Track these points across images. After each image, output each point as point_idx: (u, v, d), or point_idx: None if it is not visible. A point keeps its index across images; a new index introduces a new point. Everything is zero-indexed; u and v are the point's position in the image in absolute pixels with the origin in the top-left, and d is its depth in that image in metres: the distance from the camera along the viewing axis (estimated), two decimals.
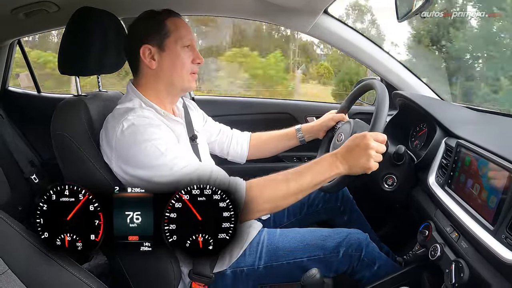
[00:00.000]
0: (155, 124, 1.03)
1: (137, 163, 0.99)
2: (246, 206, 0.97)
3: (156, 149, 0.99)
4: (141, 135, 0.99)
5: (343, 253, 1.18)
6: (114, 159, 1.03)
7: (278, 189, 1.00)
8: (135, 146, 0.99)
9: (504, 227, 0.81)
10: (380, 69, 1.76)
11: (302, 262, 1.16)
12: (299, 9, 1.57)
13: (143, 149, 0.98)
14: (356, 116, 1.77)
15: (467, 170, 1.01)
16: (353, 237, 1.20)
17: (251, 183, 0.99)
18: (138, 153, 0.99)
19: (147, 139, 0.99)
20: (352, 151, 1.04)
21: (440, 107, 1.33)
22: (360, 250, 1.19)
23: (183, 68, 1.13)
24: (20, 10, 1.45)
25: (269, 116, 1.99)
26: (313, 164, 1.05)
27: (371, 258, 1.20)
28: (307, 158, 1.92)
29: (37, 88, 2.17)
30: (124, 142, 1.00)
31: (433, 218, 1.11)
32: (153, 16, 1.13)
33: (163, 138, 1.01)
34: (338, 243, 1.18)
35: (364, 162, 1.03)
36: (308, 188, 1.02)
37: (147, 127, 1.01)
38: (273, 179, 1.01)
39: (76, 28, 1.17)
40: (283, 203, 1.02)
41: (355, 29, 1.72)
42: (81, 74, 1.23)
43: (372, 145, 1.03)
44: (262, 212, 1.02)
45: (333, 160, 1.05)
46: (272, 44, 8.43)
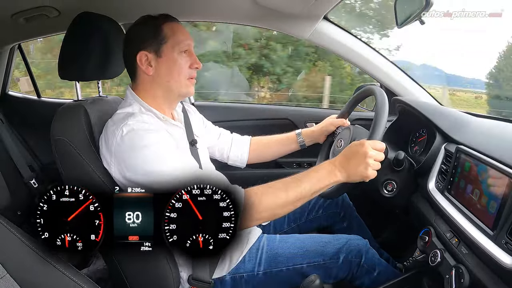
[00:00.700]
0: (155, 130, 1.03)
1: (136, 169, 0.99)
2: (244, 213, 0.96)
3: (155, 155, 0.98)
4: (140, 140, 0.99)
5: (343, 259, 1.17)
6: (113, 164, 1.02)
7: (277, 197, 0.99)
8: (135, 152, 0.99)
9: (504, 232, 0.81)
10: (379, 75, 1.76)
11: (301, 268, 1.16)
12: (298, 15, 1.58)
13: (142, 155, 0.98)
14: (356, 122, 1.77)
15: (467, 176, 1.01)
16: (353, 243, 1.20)
17: (250, 191, 0.99)
18: (137, 159, 0.99)
19: (146, 145, 0.99)
20: (350, 159, 1.04)
21: (440, 112, 1.34)
22: (360, 256, 1.19)
23: (180, 74, 1.13)
24: (20, 15, 1.46)
25: (269, 122, 1.99)
26: (312, 172, 1.05)
27: (371, 264, 1.19)
28: (306, 164, 1.92)
29: (37, 93, 2.17)
30: (124, 148, 1.00)
31: (433, 223, 1.11)
32: (150, 21, 1.12)
33: (163, 144, 1.01)
34: (338, 249, 1.18)
35: (362, 170, 1.03)
36: (306, 196, 1.02)
37: (147, 132, 1.01)
38: (271, 186, 1.01)
39: (77, 33, 1.18)
40: (281, 211, 1.02)
41: (355, 35, 1.73)
42: (81, 79, 1.23)
43: (370, 153, 1.03)
44: (260, 220, 1.01)
45: (332, 168, 1.05)
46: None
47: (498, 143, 1.05)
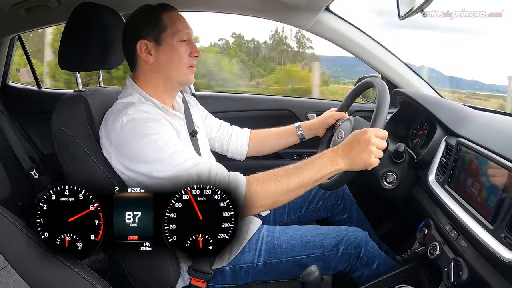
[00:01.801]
0: (155, 119, 1.03)
1: (137, 157, 1.00)
2: (246, 201, 0.97)
3: (155, 144, 0.99)
4: (140, 129, 0.99)
5: (342, 251, 1.18)
6: (113, 153, 1.03)
7: (279, 184, 0.99)
8: (135, 141, 0.99)
9: (503, 226, 0.81)
10: (381, 66, 1.75)
11: (301, 260, 1.17)
12: (300, 6, 1.56)
13: (143, 144, 0.99)
14: (356, 113, 1.77)
15: (467, 169, 1.01)
16: (352, 235, 1.20)
17: (252, 178, 0.99)
18: (137, 147, 0.99)
19: (146, 133, 0.99)
20: (353, 147, 1.04)
21: (441, 105, 1.33)
22: (360, 248, 1.19)
23: (181, 62, 1.13)
24: (20, 6, 1.45)
25: (269, 113, 1.99)
26: (315, 159, 1.04)
27: (370, 256, 1.20)
28: (307, 155, 1.91)
29: (38, 84, 2.16)
30: (124, 137, 1.00)
31: (433, 216, 1.11)
32: (149, 10, 1.13)
33: (163, 133, 1.02)
34: (338, 241, 1.19)
35: (365, 157, 1.03)
36: (309, 183, 1.02)
37: (147, 121, 1.01)
38: (274, 173, 1.01)
39: (77, 24, 1.17)
40: (283, 198, 1.02)
41: (356, 27, 1.71)
42: (81, 69, 1.23)
43: (373, 140, 1.03)
44: (262, 208, 1.02)
45: (334, 155, 1.05)
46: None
47: (498, 137, 1.05)
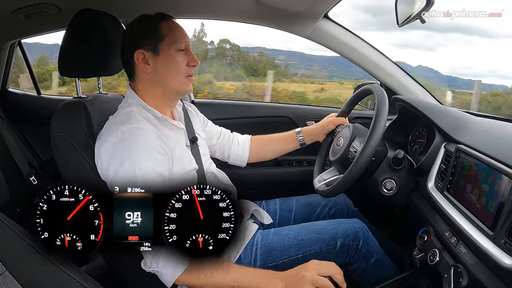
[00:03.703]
0: (145, 141, 1.03)
1: (105, 176, 1.02)
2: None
3: (126, 174, 0.99)
4: (122, 154, 1.00)
5: (340, 244, 1.17)
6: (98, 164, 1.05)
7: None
8: (112, 163, 1.01)
9: (503, 232, 0.81)
10: (380, 73, 1.76)
11: (297, 259, 1.16)
12: (299, 13, 1.57)
13: (115, 168, 1.00)
14: (356, 120, 1.77)
15: (466, 175, 1.01)
16: (349, 227, 1.20)
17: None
18: (112, 169, 1.01)
19: (124, 160, 1.00)
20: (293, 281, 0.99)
21: (440, 112, 1.33)
22: (358, 240, 1.19)
23: (179, 72, 1.13)
24: (20, 12, 1.46)
25: (269, 120, 1.99)
26: (258, 272, 1.04)
27: (369, 250, 1.20)
28: (306, 162, 1.91)
29: (37, 90, 2.16)
30: (109, 154, 1.02)
31: (432, 223, 1.11)
32: (147, 20, 1.13)
33: (143, 161, 1.01)
34: (334, 234, 1.18)
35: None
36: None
37: (133, 145, 1.01)
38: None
39: (77, 30, 1.17)
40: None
41: (355, 34, 1.72)
42: (81, 76, 1.23)
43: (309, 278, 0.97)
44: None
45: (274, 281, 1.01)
46: None
47: (498, 143, 1.05)
